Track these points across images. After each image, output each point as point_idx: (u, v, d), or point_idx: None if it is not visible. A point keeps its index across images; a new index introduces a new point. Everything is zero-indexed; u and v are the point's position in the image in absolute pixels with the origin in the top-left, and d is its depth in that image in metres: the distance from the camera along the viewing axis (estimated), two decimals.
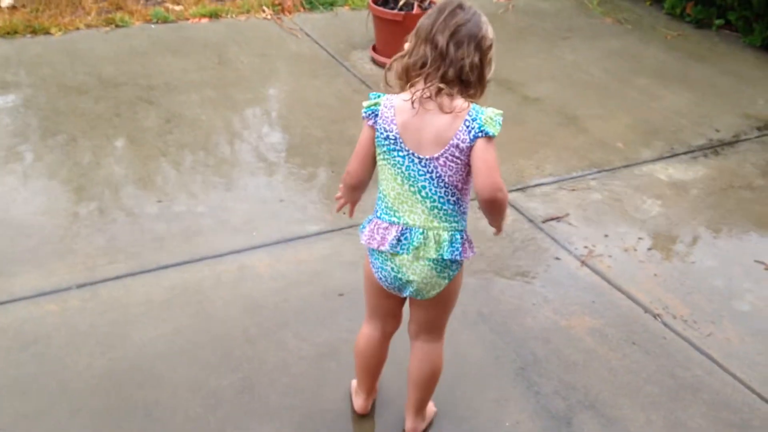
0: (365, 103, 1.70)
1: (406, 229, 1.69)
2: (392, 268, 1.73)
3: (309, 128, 3.52)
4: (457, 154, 1.63)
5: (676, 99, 4.06)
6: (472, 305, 2.44)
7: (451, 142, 1.62)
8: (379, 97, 1.70)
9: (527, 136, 3.59)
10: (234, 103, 3.73)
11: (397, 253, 1.70)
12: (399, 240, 1.69)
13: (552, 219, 2.94)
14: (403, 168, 1.67)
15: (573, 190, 3.16)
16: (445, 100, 1.62)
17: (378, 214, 1.74)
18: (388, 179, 1.70)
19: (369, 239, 1.73)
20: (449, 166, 1.64)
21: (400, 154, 1.66)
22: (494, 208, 1.68)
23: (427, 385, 1.92)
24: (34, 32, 4.18)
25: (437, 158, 1.63)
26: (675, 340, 2.37)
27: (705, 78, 4.36)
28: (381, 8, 4.11)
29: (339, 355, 2.22)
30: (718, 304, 2.55)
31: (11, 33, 4.11)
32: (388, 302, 1.86)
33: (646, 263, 2.74)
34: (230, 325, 2.32)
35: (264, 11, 4.78)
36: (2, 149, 3.15)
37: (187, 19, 4.61)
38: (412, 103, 1.62)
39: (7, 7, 4.43)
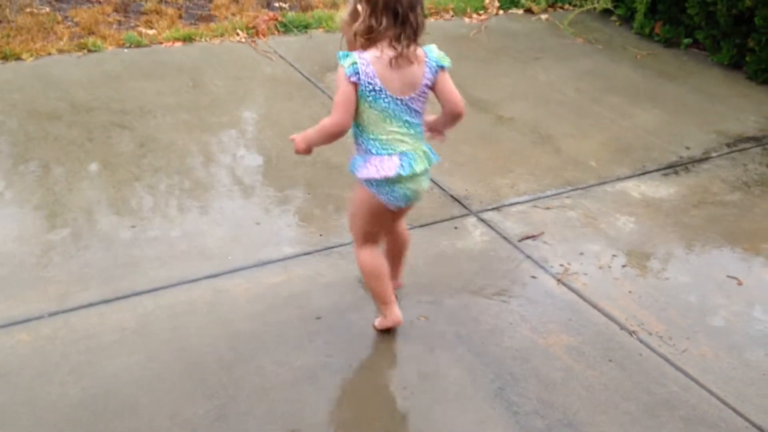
0: (346, 62, 2.01)
1: (403, 155, 2.12)
2: (407, 188, 2.17)
3: (284, 150, 3.52)
4: (426, 90, 2.11)
5: (647, 117, 4.13)
6: (450, 326, 2.44)
7: (422, 83, 2.09)
8: (348, 56, 2.02)
9: (502, 155, 3.62)
10: (209, 126, 3.72)
11: (405, 175, 2.11)
12: (402, 165, 2.11)
13: (528, 237, 2.96)
14: (389, 111, 2.07)
15: (548, 208, 3.19)
16: (412, 54, 2.04)
17: (374, 152, 2.12)
18: (376, 122, 2.09)
19: (375, 172, 2.10)
20: (421, 100, 2.12)
21: (385, 100, 2.06)
22: (460, 119, 2.20)
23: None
24: (5, 58, 4.14)
25: (413, 98, 2.09)
26: (651, 356, 2.39)
27: (675, 96, 4.45)
28: None
29: (318, 379, 2.20)
30: (693, 319, 2.58)
31: None
32: (386, 220, 2.29)
33: (621, 280, 2.76)
34: (206, 351, 2.29)
35: (238, 35, 4.79)
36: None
37: (161, 43, 4.60)
38: (390, 61, 2.01)
39: None
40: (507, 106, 4.14)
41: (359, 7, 2.00)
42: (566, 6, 5.89)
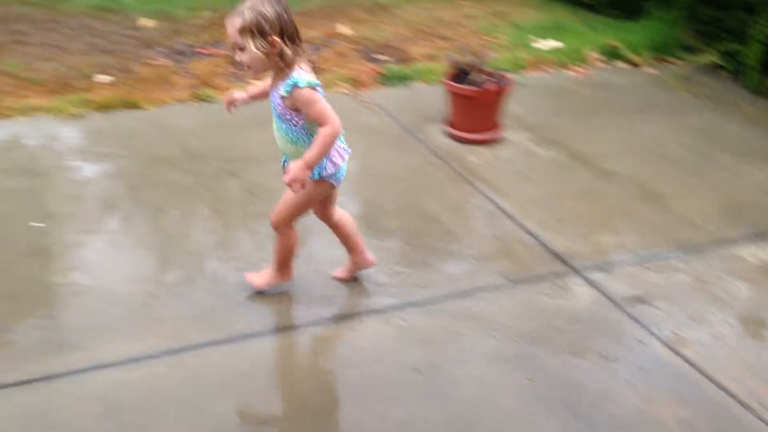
0: (305, 82, 2.30)
1: (339, 137, 2.46)
2: (346, 165, 2.54)
3: (382, 200, 3.58)
4: None
5: (762, 176, 3.95)
6: (555, 390, 2.38)
7: None
8: (298, 79, 2.29)
9: (605, 212, 3.54)
10: None
11: (349, 153, 2.56)
12: (344, 143, 2.55)
13: (635, 300, 2.86)
14: None
15: (656, 270, 3.08)
16: None
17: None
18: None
19: (340, 158, 2.49)
20: None
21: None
22: None
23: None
24: (129, 106, 4.43)
25: None
26: None
27: None
28: (456, 84, 4.19)
29: None
30: None
31: (108, 107, 4.37)
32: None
33: (737, 350, 2.62)
34: (310, 395, 2.32)
35: (342, 87, 4.94)
36: (95, 217, 3.31)
37: None
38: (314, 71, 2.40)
39: (104, 83, 4.72)
40: (610, 161, 4.06)
41: (277, 39, 2.26)
42: (672, 60, 5.76)
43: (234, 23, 2.28)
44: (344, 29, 6.08)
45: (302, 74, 2.32)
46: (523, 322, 2.71)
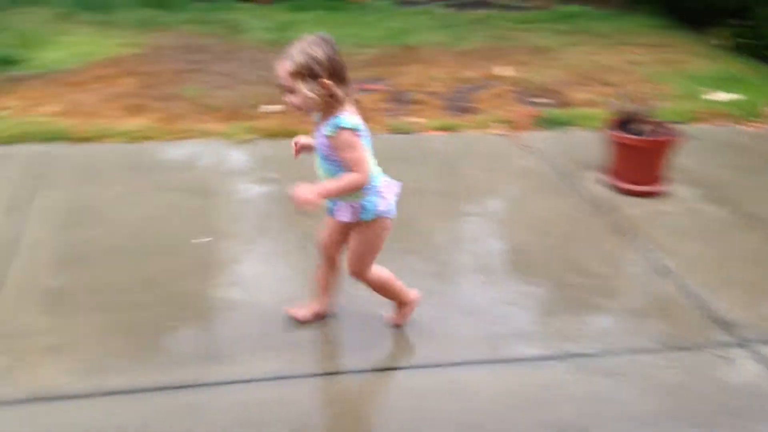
0: (350, 124, 2.28)
1: (380, 172, 2.49)
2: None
3: (529, 245, 3.49)
4: None
5: None
6: None
7: None
8: (341, 119, 2.28)
9: None
10: (460, 213, 3.82)
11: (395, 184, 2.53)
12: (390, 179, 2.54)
13: None
14: (371, 148, 2.42)
15: None
16: None
17: (377, 183, 2.44)
18: (370, 160, 2.41)
19: (391, 194, 2.49)
20: None
21: (370, 142, 2.39)
22: None
23: None
24: (291, 135, 4.62)
25: None
26: None
27: None
28: (622, 134, 4.03)
29: None
30: None
31: (273, 135, 4.63)
32: None
33: None
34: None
35: (496, 128, 4.93)
36: (254, 237, 3.49)
37: (424, 131, 4.88)
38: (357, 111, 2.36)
39: (271, 113, 5.00)
40: None
41: (327, 82, 2.24)
42: None
43: (284, 66, 2.25)
44: (503, 71, 6.08)
45: (348, 116, 2.31)
46: (678, 392, 2.52)
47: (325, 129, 2.33)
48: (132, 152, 4.26)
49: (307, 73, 2.23)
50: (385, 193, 2.47)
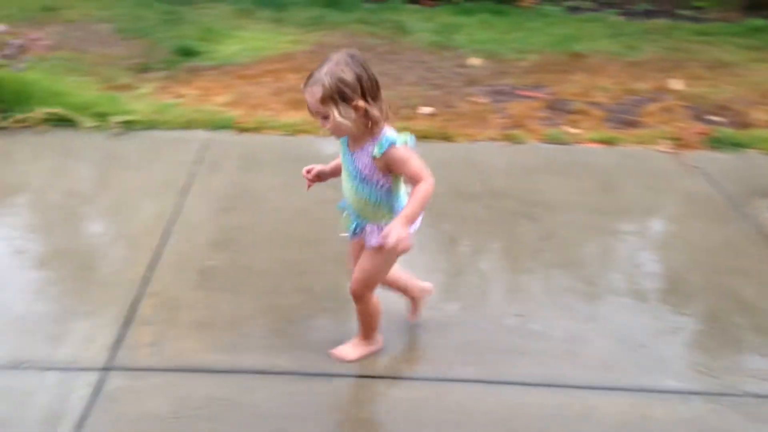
0: (401, 139, 2.18)
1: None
2: None
3: (687, 273, 3.24)
4: None
5: None
6: None
7: None
8: (389, 137, 2.17)
9: None
10: (613, 231, 3.63)
11: None
12: None
13: None
14: None
15: None
16: None
17: (403, 201, 2.33)
18: (400, 180, 2.32)
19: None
20: None
21: None
22: None
23: None
24: (442, 139, 4.66)
25: None
26: None
27: None
28: None
29: None
30: None
31: (425, 137, 4.64)
32: None
33: None
34: None
35: (662, 144, 4.63)
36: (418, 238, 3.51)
37: (582, 143, 4.69)
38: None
39: (427, 114, 5.03)
40: None
41: (360, 103, 2.12)
42: None
43: (314, 93, 2.13)
44: (676, 84, 5.70)
45: (393, 132, 2.22)
46: None
47: (372, 150, 2.20)
48: (290, 144, 4.45)
49: (338, 97, 2.11)
50: None
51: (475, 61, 6.27)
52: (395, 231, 2.13)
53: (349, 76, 2.11)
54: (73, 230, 3.46)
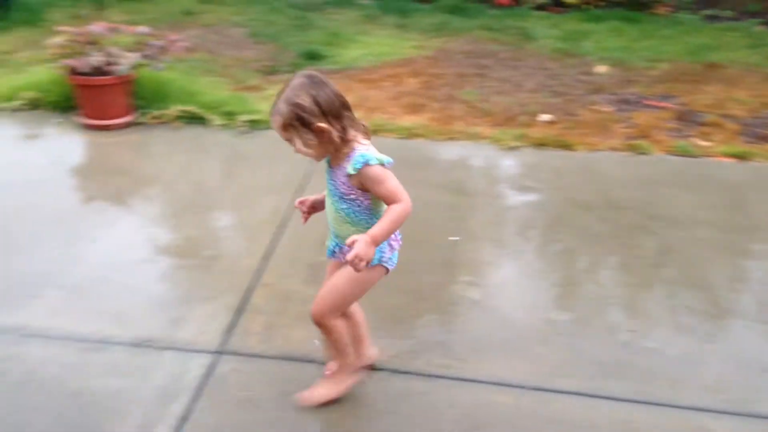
0: (375, 159, 2.07)
1: None
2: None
3: None
4: None
5: None
6: None
7: None
8: (365, 155, 2.06)
9: None
10: (741, 250, 3.41)
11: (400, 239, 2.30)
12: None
13: None
14: None
15: None
16: None
17: None
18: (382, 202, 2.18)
19: (397, 244, 2.26)
20: None
21: None
22: None
23: None
24: (561, 147, 4.54)
25: None
26: None
27: None
28: None
29: None
30: None
31: (542, 144, 4.55)
32: None
33: None
34: None
35: None
36: (506, 242, 3.47)
37: (711, 156, 4.43)
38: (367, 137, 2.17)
39: (545, 122, 4.93)
40: None
41: (322, 125, 2.04)
42: None
43: (275, 122, 2.08)
44: None
45: (369, 150, 2.10)
46: None
47: (347, 167, 2.10)
48: (404, 147, 4.50)
49: (297, 122, 2.05)
50: (392, 241, 2.24)
51: (601, 68, 6.08)
52: (358, 247, 2.01)
53: (305, 100, 2.03)
54: (198, 220, 3.66)
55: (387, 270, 2.24)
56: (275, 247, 3.34)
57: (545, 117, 5.00)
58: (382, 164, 2.08)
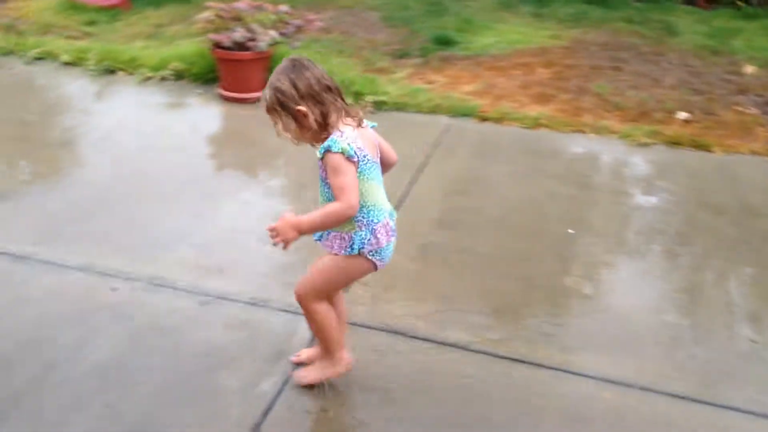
0: (338, 146, 2.01)
1: (390, 213, 2.22)
2: (393, 243, 2.22)
3: None
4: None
5: None
6: None
7: (377, 142, 2.20)
8: (335, 141, 2.01)
9: None
10: None
11: (394, 235, 2.22)
12: (393, 223, 2.22)
13: None
14: (377, 176, 2.17)
15: None
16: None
17: (376, 220, 2.15)
18: (372, 192, 2.14)
19: (385, 240, 2.16)
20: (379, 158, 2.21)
21: (373, 168, 2.14)
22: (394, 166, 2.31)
23: None
24: (696, 147, 4.31)
25: (377, 157, 2.19)
26: None
27: None
28: None
29: None
30: None
31: (676, 143, 4.33)
32: None
33: None
34: None
35: None
36: (625, 240, 3.36)
37: None
38: (360, 131, 2.11)
39: (682, 120, 4.68)
40: None
41: (301, 108, 2.04)
42: None
43: (262, 107, 2.12)
44: None
45: (341, 138, 2.03)
46: None
47: (318, 151, 2.08)
48: (527, 137, 4.43)
49: (278, 107, 2.06)
50: (380, 234, 2.15)
51: (749, 68, 5.69)
52: (280, 224, 2.04)
53: (284, 84, 2.04)
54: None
55: (374, 264, 2.19)
56: None
57: (683, 115, 4.75)
58: (345, 155, 2.02)
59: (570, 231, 3.39)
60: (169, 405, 2.32)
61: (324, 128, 2.07)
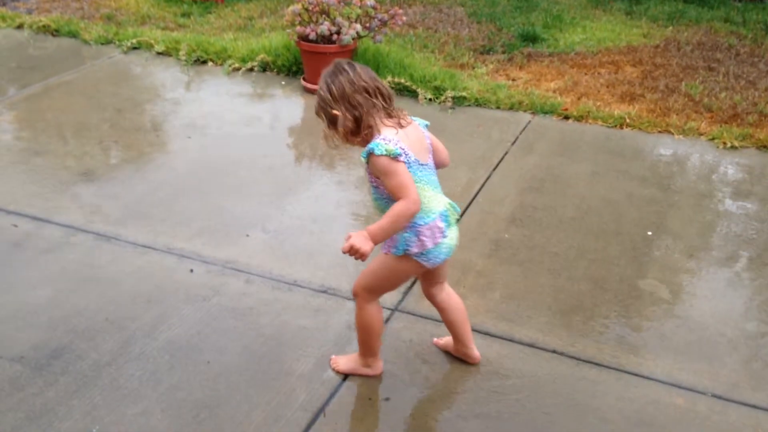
0: (383, 149, 2.01)
1: (441, 214, 2.16)
2: (449, 245, 2.19)
3: None
4: (431, 148, 2.21)
5: None
6: None
7: (428, 142, 2.19)
8: (378, 145, 2.01)
9: None
10: None
11: (448, 233, 2.18)
12: (445, 225, 2.17)
13: None
14: (424, 177, 2.13)
15: None
16: (408, 118, 2.16)
17: (421, 222, 2.11)
18: (422, 191, 2.11)
19: (431, 242, 2.13)
20: (432, 158, 2.21)
21: (420, 169, 2.12)
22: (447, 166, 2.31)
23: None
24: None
25: (430, 158, 2.19)
26: None
27: None
28: None
29: None
30: None
31: (764, 146, 4.13)
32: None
33: None
34: None
35: None
36: (703, 246, 3.23)
37: None
38: (405, 132, 2.09)
39: None
40: None
41: (335, 112, 2.07)
42: None
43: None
44: None
45: (384, 140, 2.03)
46: None
47: (361, 154, 2.08)
48: (609, 136, 4.31)
49: (321, 111, 2.13)
50: (424, 236, 2.12)
51: None
52: (354, 238, 2.03)
53: (323, 88, 2.11)
54: None
55: (422, 265, 2.19)
56: (462, 220, 3.39)
57: None
58: (391, 156, 2.02)
59: (649, 233, 3.29)
60: (238, 385, 2.40)
61: (360, 131, 2.11)
